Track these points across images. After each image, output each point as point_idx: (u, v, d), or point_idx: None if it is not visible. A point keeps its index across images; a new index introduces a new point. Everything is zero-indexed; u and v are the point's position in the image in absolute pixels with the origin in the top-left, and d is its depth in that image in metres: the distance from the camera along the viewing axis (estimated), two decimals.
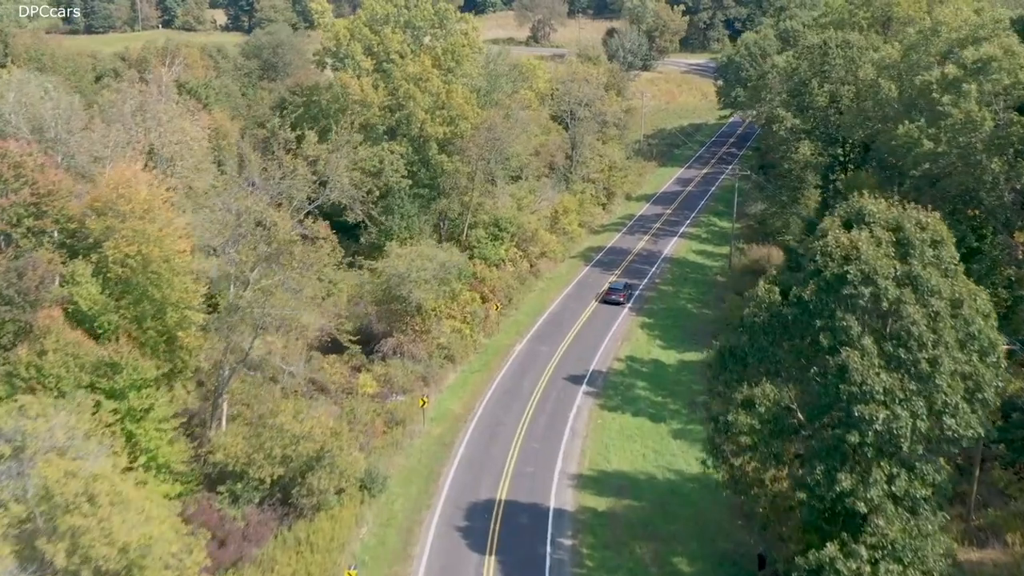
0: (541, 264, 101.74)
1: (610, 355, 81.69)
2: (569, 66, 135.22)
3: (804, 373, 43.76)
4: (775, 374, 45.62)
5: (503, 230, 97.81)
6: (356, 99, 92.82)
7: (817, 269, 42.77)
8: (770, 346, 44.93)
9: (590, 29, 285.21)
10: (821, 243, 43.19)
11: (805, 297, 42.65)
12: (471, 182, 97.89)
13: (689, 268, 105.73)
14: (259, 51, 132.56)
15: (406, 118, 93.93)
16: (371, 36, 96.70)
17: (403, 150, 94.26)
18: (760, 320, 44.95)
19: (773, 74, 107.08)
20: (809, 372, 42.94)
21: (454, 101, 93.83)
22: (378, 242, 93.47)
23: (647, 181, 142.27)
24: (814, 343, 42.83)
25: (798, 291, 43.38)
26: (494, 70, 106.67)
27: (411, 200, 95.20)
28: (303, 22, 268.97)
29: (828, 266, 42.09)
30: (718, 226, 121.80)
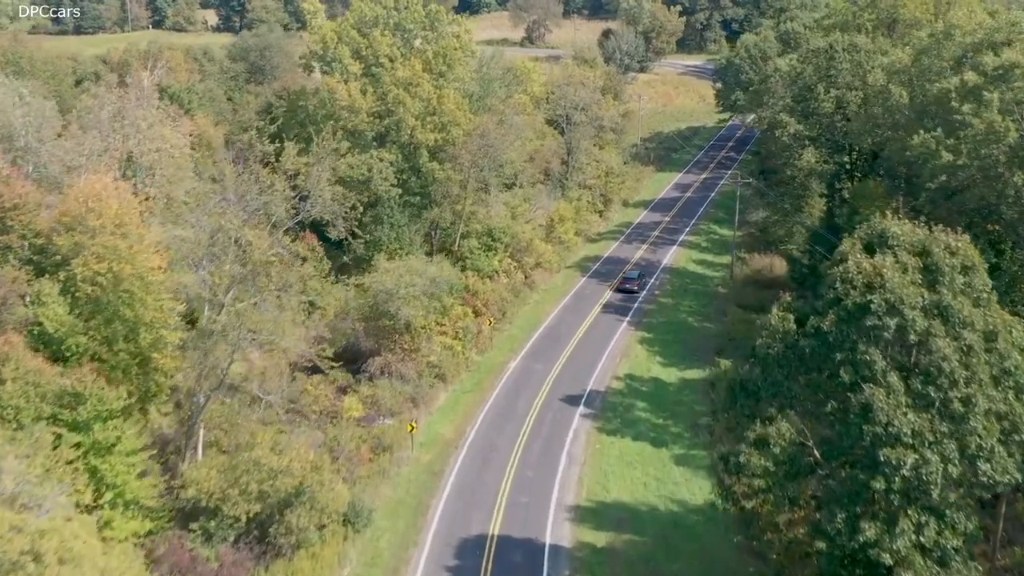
0: (536, 275, 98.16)
1: (608, 373, 78.12)
2: (565, 69, 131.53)
3: (822, 408, 40.20)
4: (789, 408, 42.00)
5: (496, 240, 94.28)
6: (343, 105, 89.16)
7: (837, 297, 39.18)
8: (785, 380, 41.28)
9: (585, 30, 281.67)
10: (841, 269, 39.57)
11: (824, 328, 39.04)
12: (463, 190, 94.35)
13: (689, 279, 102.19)
14: (246, 53, 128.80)
15: (396, 124, 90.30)
16: (359, 39, 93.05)
17: (392, 158, 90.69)
18: (774, 352, 41.33)
19: (776, 78, 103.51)
20: (827, 408, 39.40)
21: (445, 107, 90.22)
22: (366, 254, 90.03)
23: (644, 187, 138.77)
24: (833, 377, 39.29)
25: (816, 321, 39.78)
26: (487, 74, 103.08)
27: (401, 210, 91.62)
28: (295, 23, 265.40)
29: (849, 294, 38.49)
30: (718, 234, 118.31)
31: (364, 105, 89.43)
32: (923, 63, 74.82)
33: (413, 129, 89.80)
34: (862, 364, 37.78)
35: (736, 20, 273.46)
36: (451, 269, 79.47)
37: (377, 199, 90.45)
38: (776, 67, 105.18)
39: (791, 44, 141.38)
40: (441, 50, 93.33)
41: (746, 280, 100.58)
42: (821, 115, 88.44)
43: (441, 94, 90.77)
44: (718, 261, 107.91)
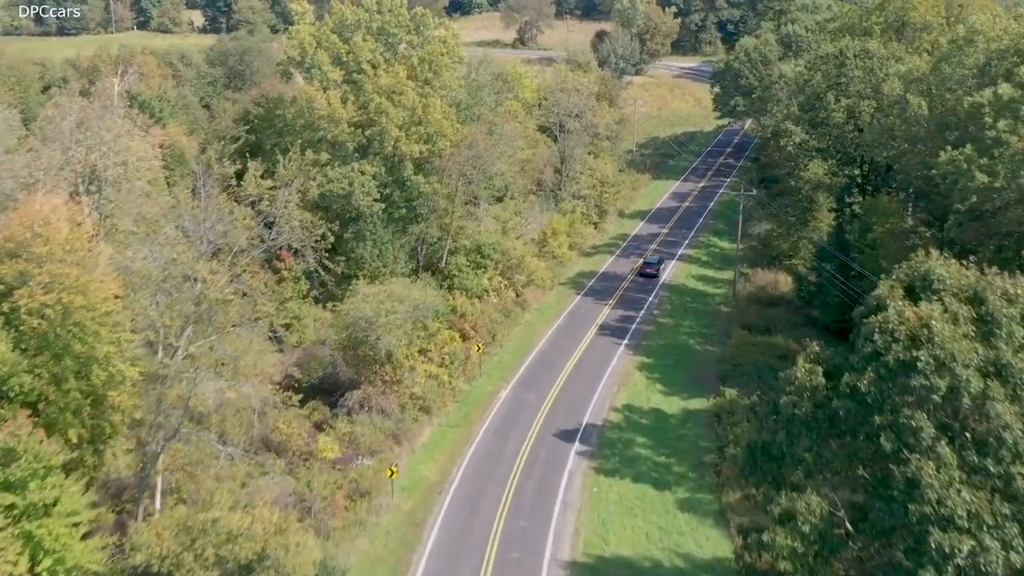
0: (528, 293, 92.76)
1: (605, 404, 72.73)
2: (558, 74, 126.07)
3: (858, 478, 34.87)
4: (819, 474, 36.63)
5: (486, 257, 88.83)
6: (322, 114, 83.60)
7: (876, 351, 33.88)
8: (814, 444, 35.87)
9: (578, 31, 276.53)
10: (880, 319, 34.26)
11: (861, 387, 33.66)
12: (451, 204, 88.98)
13: (689, 297, 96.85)
14: (225, 57, 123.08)
15: (378, 135, 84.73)
16: (340, 44, 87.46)
17: (375, 170, 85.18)
18: (801, 412, 35.95)
19: (780, 84, 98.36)
20: (865, 478, 34.08)
21: (431, 116, 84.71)
22: (348, 271, 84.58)
23: (641, 196, 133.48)
24: (872, 442, 34.01)
25: (852, 379, 34.42)
26: (475, 81, 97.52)
27: (384, 225, 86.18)
28: (283, 23, 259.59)
29: (891, 349, 33.16)
30: (719, 247, 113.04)
31: (344, 115, 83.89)
32: (943, 71, 69.60)
33: (397, 140, 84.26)
34: (906, 430, 32.51)
35: (731, 21, 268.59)
36: (436, 294, 73.95)
37: (359, 214, 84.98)
38: (781, 73, 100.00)
39: (792, 48, 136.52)
40: (427, 56, 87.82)
41: (749, 298, 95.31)
42: (831, 125, 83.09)
43: (427, 103, 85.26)
44: (719, 277, 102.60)
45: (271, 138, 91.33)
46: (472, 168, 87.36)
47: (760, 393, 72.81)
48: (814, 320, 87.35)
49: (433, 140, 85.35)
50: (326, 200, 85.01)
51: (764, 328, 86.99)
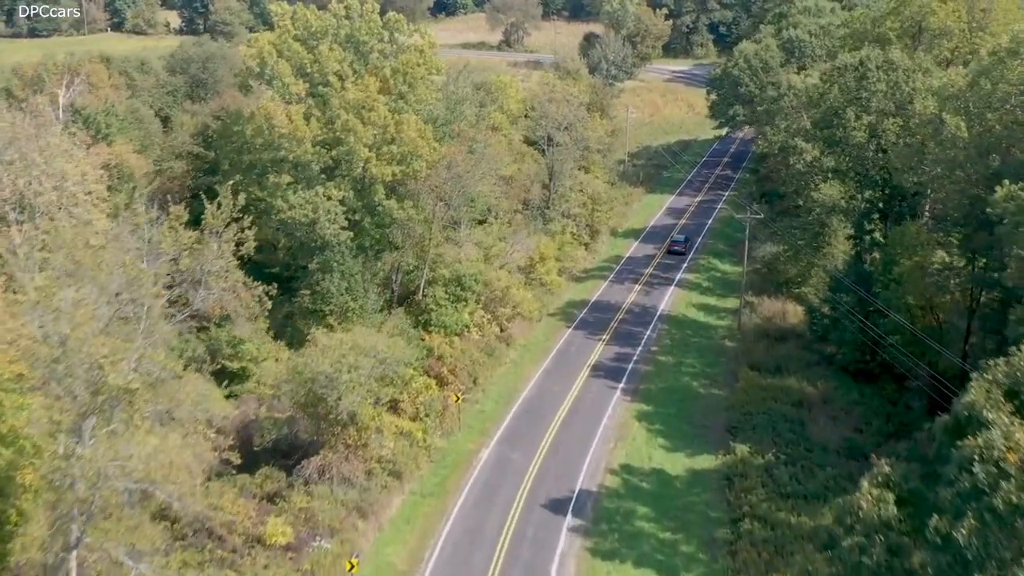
0: (514, 328, 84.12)
1: (600, 464, 64.11)
2: (546, 85, 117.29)
3: None
4: None
5: (466, 289, 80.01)
6: (283, 133, 74.78)
7: (977, 488, 25.22)
8: None
9: (566, 33, 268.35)
10: (981, 442, 25.61)
11: (959, 538, 25.07)
12: (428, 230, 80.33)
13: (691, 329, 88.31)
14: (187, 65, 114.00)
15: (346, 156, 75.99)
16: (303, 54, 78.62)
17: (343, 195, 76.48)
18: (871, 561, 27.29)
19: (790, 96, 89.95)
20: None
21: (405, 134, 75.97)
22: (314, 306, 75.94)
23: (634, 212, 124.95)
24: None
25: (943, 524, 25.80)
26: (455, 93, 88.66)
27: (354, 255, 77.41)
28: (262, 26, 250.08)
29: (999, 487, 24.55)
30: (720, 271, 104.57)
31: (308, 133, 75.09)
32: (983, 87, 61.20)
33: (366, 161, 75.53)
34: None
35: (724, 23, 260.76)
36: (406, 346, 64.94)
37: (325, 244, 76.20)
38: (790, 84, 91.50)
39: (795, 54, 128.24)
40: (401, 66, 79.03)
41: (756, 331, 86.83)
42: (851, 145, 74.56)
43: (400, 119, 76.52)
44: (722, 306, 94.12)
45: (228, 156, 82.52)
46: (451, 191, 78.69)
47: (776, 451, 64.69)
48: (829, 358, 79.09)
49: (407, 161, 76.66)
50: (287, 228, 76.46)
51: (775, 367, 78.63)
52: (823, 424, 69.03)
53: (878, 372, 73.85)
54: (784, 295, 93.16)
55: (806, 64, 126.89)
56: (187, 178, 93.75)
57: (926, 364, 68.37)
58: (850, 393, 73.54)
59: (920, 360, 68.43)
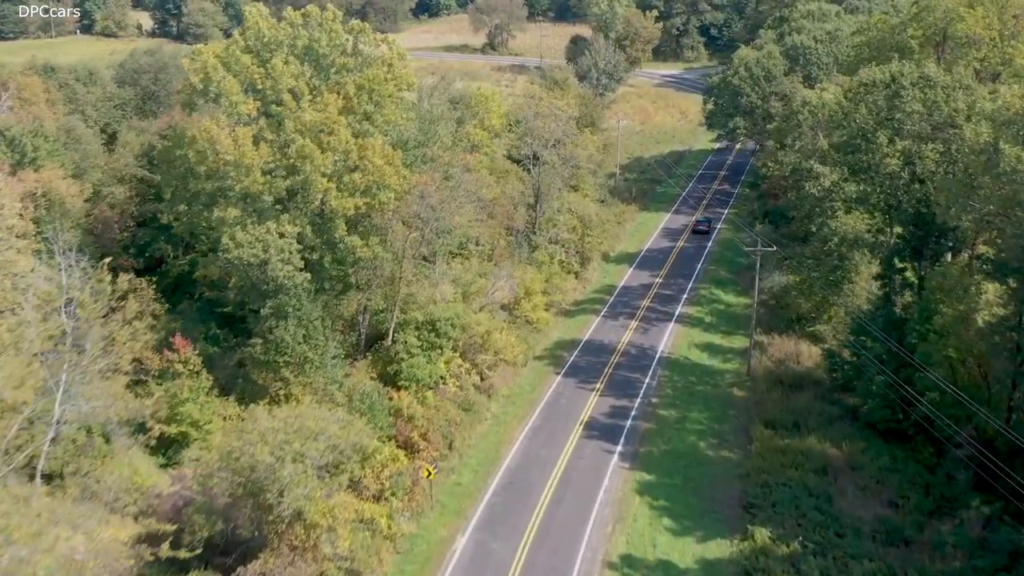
0: (496, 376, 74.55)
1: (597, 555, 54.45)
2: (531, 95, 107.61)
3: None
4: None
5: (442, 336, 70.38)
6: (228, 159, 64.93)
7: None
8: None
9: (552, 35, 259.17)
10: None
11: None
12: (398, 268, 70.70)
13: (695, 375, 78.76)
14: (137, 76, 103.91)
15: (301, 186, 66.21)
16: (253, 68, 68.77)
17: (299, 230, 66.69)
18: None
19: (804, 113, 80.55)
20: None
21: (370, 161, 66.23)
22: (266, 358, 66.21)
23: (627, 233, 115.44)
24: None
25: None
26: (429, 112, 78.68)
27: (312, 298, 67.62)
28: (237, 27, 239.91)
29: None
30: (723, 302, 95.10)
31: (257, 160, 65.25)
32: None
33: (325, 192, 65.75)
34: None
35: (715, 25, 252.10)
36: (364, 427, 54.91)
37: (279, 286, 66.37)
38: (805, 100, 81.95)
39: (800, 61, 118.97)
40: (366, 82, 69.20)
41: (767, 376, 77.46)
42: (883, 174, 64.95)
43: (364, 144, 66.76)
44: (728, 345, 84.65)
45: (171, 184, 72.67)
46: (423, 225, 69.05)
47: (802, 537, 55.23)
48: (853, 411, 69.94)
49: (372, 191, 66.88)
50: (235, 270, 66.67)
51: (792, 423, 69.33)
52: (853, 497, 59.72)
53: (912, 433, 64.48)
54: (797, 333, 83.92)
55: (812, 72, 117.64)
56: (131, 205, 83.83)
57: (972, 428, 59.19)
58: (880, 457, 64.14)
59: (964, 423, 59.28)
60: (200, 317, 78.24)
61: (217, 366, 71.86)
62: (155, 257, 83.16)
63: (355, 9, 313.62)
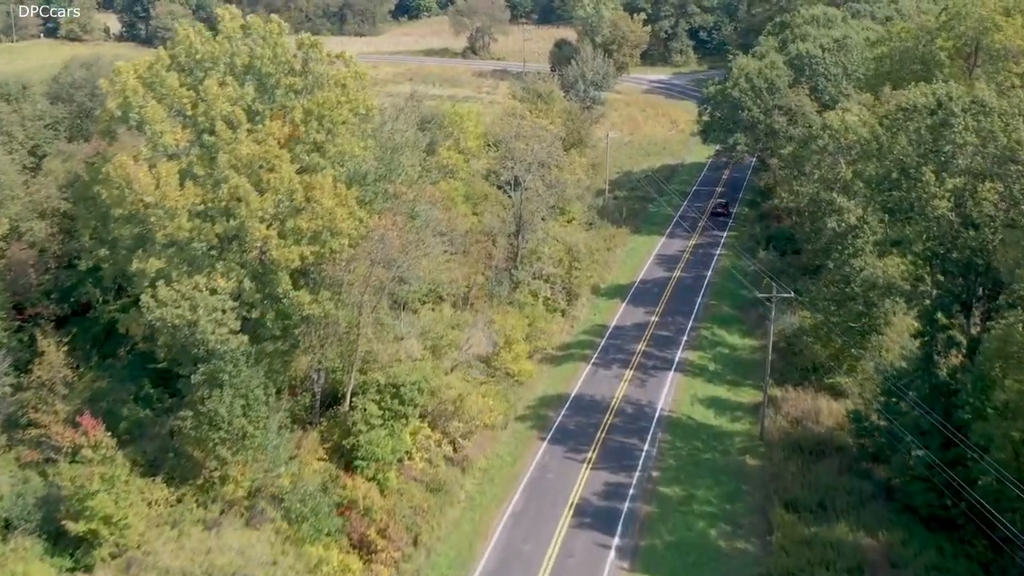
0: (470, 445, 64.17)
1: None
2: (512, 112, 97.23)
3: None
4: None
5: (407, 403, 60.00)
6: (147, 201, 54.39)
7: None
8: None
9: (536, 37, 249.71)
10: None
11: None
12: (355, 324, 60.34)
13: (700, 439, 68.58)
14: (72, 92, 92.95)
15: (236, 233, 55.72)
16: (181, 92, 58.22)
17: (235, 284, 56.20)
18: None
19: (825, 138, 70.51)
20: None
21: (319, 203, 55.77)
22: (199, 434, 55.90)
23: (618, 261, 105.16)
24: None
25: None
26: (391, 139, 67.99)
27: (252, 363, 57.19)
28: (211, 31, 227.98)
29: None
30: (727, 344, 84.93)
31: (182, 201, 54.69)
32: None
33: (265, 240, 55.23)
34: None
35: (705, 28, 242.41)
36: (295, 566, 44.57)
37: (211, 352, 55.94)
38: (826, 124, 71.85)
39: (805, 72, 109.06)
40: (315, 107, 58.67)
41: (784, 439, 67.38)
42: (931, 219, 54.66)
43: (311, 182, 56.29)
44: (736, 399, 74.55)
45: (89, 225, 62.19)
46: (385, 274, 58.72)
47: None
48: (887, 487, 59.85)
49: (322, 238, 56.36)
50: (158, 332, 56.23)
51: (817, 503, 59.24)
52: None
53: (962, 522, 54.41)
54: (814, 385, 73.88)
55: (819, 84, 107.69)
56: (53, 243, 73.28)
57: None
58: (925, 551, 53.92)
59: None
60: (131, 373, 67.99)
61: (147, 435, 62.14)
62: (81, 303, 72.80)
63: (332, 12, 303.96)
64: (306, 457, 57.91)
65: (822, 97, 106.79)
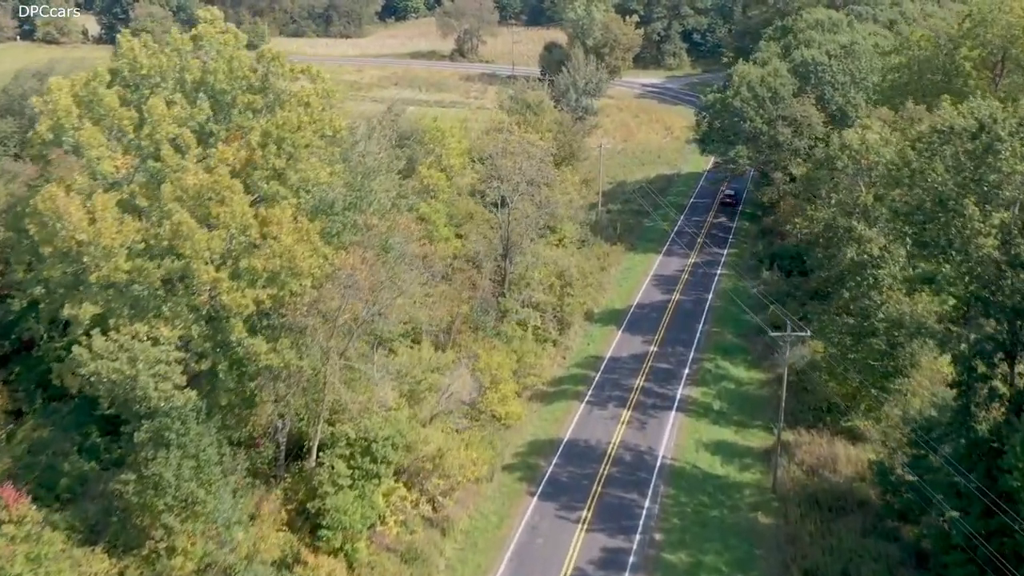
0: (451, 504, 57.54)
1: None
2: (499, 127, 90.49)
3: None
4: None
5: (379, 461, 53.30)
6: (80, 238, 47.61)
7: None
8: None
9: (525, 39, 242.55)
10: None
11: None
12: (320, 372, 53.62)
13: (706, 493, 61.97)
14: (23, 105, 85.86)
15: (183, 274, 48.95)
16: (122, 112, 51.45)
17: (179, 334, 49.42)
18: None
19: (844, 159, 64.02)
20: None
21: (280, 242, 49.02)
22: (142, 500, 49.31)
23: (613, 281, 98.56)
24: None
25: None
26: (361, 163, 61.04)
27: (203, 418, 50.50)
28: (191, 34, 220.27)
29: None
30: (732, 378, 78.39)
31: (119, 239, 47.89)
32: None
33: (215, 283, 48.44)
34: None
35: (698, 30, 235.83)
36: None
37: (154, 409, 49.22)
38: (844, 143, 65.26)
39: (811, 80, 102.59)
40: (274, 129, 51.91)
41: (799, 492, 61.00)
42: (974, 261, 48.14)
43: (268, 215, 49.55)
44: (744, 443, 68.06)
45: (22, 261, 55.35)
46: (354, 317, 52.00)
47: None
48: (918, 552, 53.38)
49: (280, 280, 49.59)
50: (93, 387, 49.53)
51: (840, 572, 52.95)
52: None
53: None
54: (830, 428, 67.51)
55: (826, 93, 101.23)
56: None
57: None
58: None
59: None
60: (78, 419, 61.30)
61: (90, 493, 55.70)
62: (22, 340, 65.92)
63: (318, 13, 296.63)
64: (265, 526, 51.17)
65: (829, 107, 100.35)
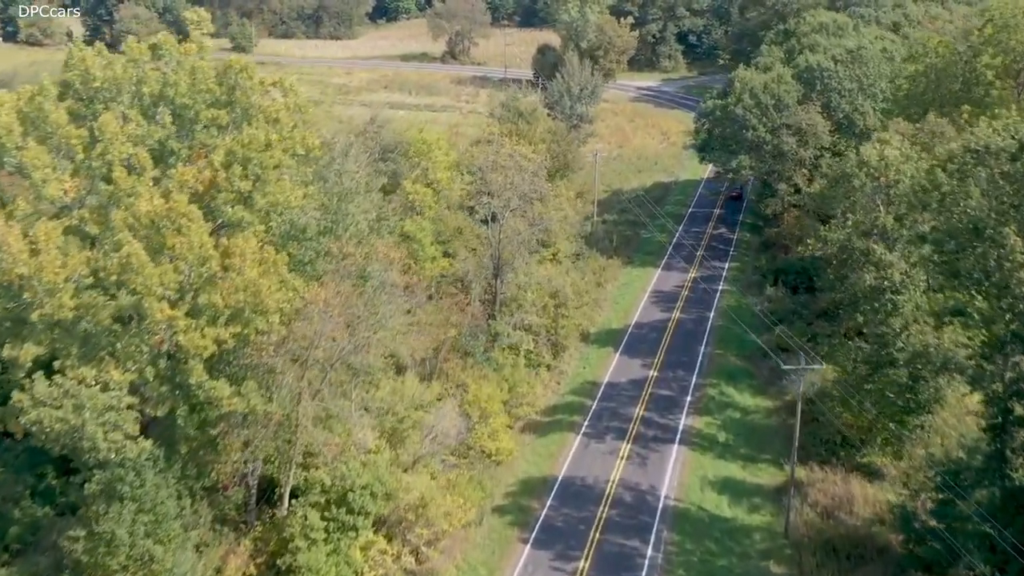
0: (437, 554, 52.72)
1: None
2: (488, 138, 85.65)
3: None
4: None
5: (356, 512, 48.55)
6: (20, 272, 42.71)
7: None
8: None
9: (517, 41, 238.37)
10: None
11: None
12: (292, 417, 48.80)
13: (713, 539, 57.16)
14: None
15: (133, 313, 44.05)
16: (70, 130, 46.57)
17: (132, 377, 44.56)
18: None
19: (861, 177, 59.38)
20: None
21: (243, 275, 44.15)
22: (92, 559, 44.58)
23: (609, 298, 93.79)
24: None
25: None
26: (337, 183, 56.08)
27: (158, 470, 45.70)
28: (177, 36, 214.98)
29: None
30: (737, 406, 73.68)
31: (64, 274, 42.99)
32: None
33: (170, 322, 43.54)
34: None
35: (694, 32, 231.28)
36: None
37: (104, 460, 44.39)
38: (863, 160, 60.52)
39: (816, 86, 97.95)
40: (239, 148, 47.04)
41: (814, 536, 56.41)
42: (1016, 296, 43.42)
43: (229, 246, 44.68)
44: (753, 480, 63.32)
45: None
46: (326, 358, 47.17)
47: None
48: None
49: (244, 318, 44.73)
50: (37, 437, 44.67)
51: None
52: None
53: None
54: (844, 464, 62.81)
55: (832, 100, 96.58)
56: None
57: None
58: None
59: None
60: (31, 459, 56.45)
61: (42, 544, 51.10)
62: None
63: (307, 14, 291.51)
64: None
65: (836, 115, 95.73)
